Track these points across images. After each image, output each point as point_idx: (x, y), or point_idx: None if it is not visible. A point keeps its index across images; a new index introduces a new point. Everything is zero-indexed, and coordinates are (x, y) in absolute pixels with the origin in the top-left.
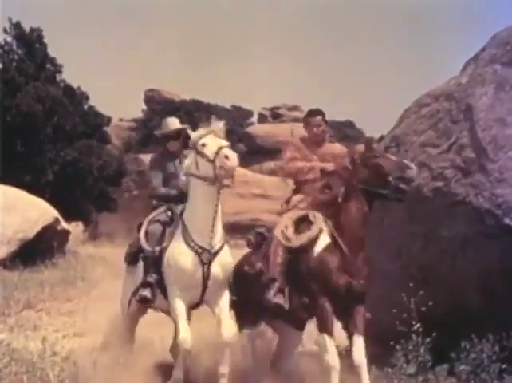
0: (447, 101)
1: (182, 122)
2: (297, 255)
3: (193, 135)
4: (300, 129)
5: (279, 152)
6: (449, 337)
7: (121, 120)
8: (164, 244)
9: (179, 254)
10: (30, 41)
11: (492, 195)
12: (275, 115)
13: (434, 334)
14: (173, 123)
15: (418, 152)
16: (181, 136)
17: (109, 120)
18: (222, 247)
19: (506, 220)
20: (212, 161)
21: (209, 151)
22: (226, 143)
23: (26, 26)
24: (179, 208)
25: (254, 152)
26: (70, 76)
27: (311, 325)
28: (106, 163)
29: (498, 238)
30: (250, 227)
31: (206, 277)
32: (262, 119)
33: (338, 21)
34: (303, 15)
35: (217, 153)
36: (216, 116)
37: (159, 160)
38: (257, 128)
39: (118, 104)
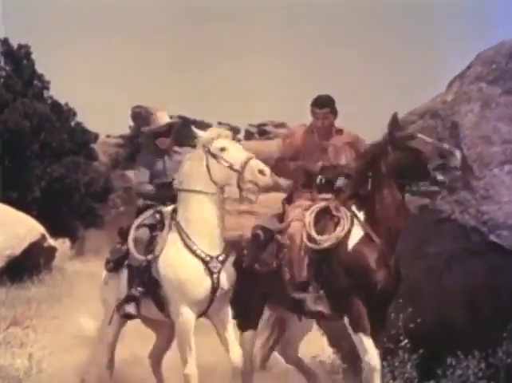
0: (432, 119)
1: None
2: (324, 254)
3: (202, 134)
4: None
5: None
6: (435, 354)
7: (108, 136)
8: (156, 252)
9: (182, 263)
10: (18, 58)
11: (478, 212)
12: (262, 132)
13: (420, 351)
14: (162, 117)
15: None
16: (172, 132)
17: (96, 136)
18: (228, 256)
19: (492, 237)
20: (239, 172)
21: (234, 159)
22: (251, 154)
23: (14, 42)
24: (168, 210)
25: None
26: (58, 92)
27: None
28: (93, 180)
29: (483, 255)
30: (237, 244)
31: (215, 288)
32: (249, 136)
33: (329, 36)
34: (294, 26)
35: (246, 163)
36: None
37: (148, 157)
38: (244, 145)
39: (105, 120)
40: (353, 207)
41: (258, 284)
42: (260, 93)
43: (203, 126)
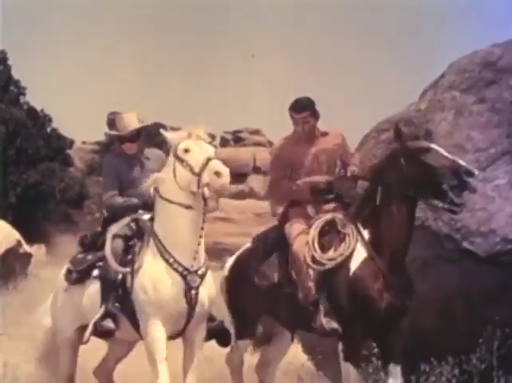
0: (406, 127)
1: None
2: (328, 273)
3: (170, 135)
4: (261, 153)
5: (242, 175)
6: (409, 361)
7: (84, 142)
8: (136, 265)
9: (160, 277)
10: None
11: (451, 219)
12: (237, 139)
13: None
14: (129, 121)
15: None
16: (140, 137)
17: (72, 142)
18: (207, 270)
19: (465, 244)
20: (198, 175)
21: (194, 161)
22: (212, 152)
23: None
24: (145, 219)
25: None
26: (34, 98)
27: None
28: (68, 187)
29: (457, 262)
30: (213, 251)
31: (193, 304)
32: (225, 143)
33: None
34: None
35: (205, 165)
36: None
37: (115, 164)
38: (220, 152)
39: (82, 126)
40: (358, 224)
41: (257, 296)
42: (238, 100)
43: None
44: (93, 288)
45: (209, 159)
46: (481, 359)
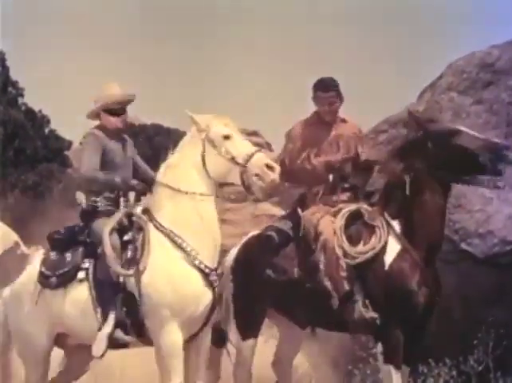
0: (404, 128)
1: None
2: (359, 268)
3: (201, 118)
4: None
5: None
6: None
7: (81, 144)
8: (141, 264)
9: (180, 273)
10: None
11: (449, 220)
12: None
13: None
14: (113, 91)
15: (375, 178)
16: (125, 111)
17: (70, 144)
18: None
19: (463, 245)
20: (242, 165)
21: (237, 150)
22: (258, 147)
23: None
24: (139, 211)
25: None
26: (32, 99)
27: None
28: (66, 188)
29: (455, 263)
30: None
31: (214, 305)
32: None
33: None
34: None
35: (250, 157)
36: (177, 140)
37: (101, 139)
38: None
39: (80, 128)
40: (386, 215)
41: (267, 291)
42: (235, 101)
43: (178, 134)
44: (79, 294)
45: (256, 151)
46: (478, 360)
